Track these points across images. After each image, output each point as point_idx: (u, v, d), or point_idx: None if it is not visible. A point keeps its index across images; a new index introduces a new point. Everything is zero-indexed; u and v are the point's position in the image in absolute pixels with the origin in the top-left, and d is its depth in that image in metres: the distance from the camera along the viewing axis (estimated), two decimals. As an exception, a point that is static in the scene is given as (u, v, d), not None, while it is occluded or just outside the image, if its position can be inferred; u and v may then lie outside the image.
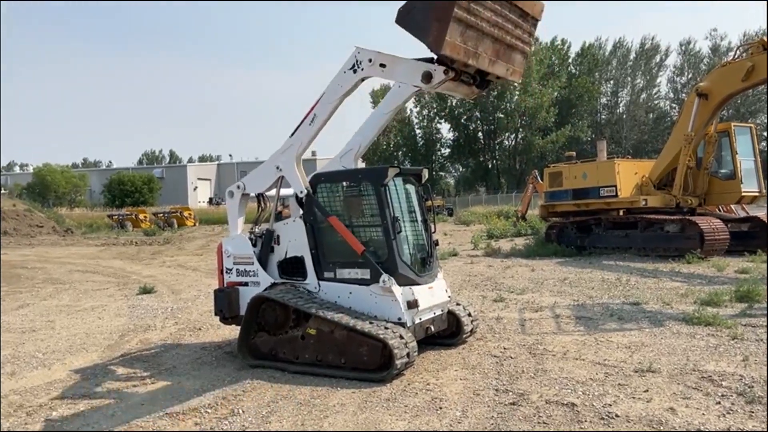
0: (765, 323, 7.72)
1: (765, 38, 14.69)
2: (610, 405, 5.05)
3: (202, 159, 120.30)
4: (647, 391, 5.37)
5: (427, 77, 5.82)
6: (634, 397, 5.22)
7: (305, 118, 6.77)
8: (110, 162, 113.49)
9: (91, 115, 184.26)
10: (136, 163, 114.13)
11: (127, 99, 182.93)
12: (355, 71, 6.34)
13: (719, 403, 5.01)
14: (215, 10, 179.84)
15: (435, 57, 5.84)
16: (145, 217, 46.99)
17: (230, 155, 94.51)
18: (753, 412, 4.77)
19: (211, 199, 76.86)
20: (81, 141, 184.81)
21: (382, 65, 6.19)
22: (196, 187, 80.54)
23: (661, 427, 4.55)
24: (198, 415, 5.28)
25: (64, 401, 5.81)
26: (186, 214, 47.90)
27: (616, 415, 4.82)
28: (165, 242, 30.76)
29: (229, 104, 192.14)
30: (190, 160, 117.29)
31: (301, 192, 6.83)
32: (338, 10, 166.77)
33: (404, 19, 5.67)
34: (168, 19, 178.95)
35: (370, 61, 6.24)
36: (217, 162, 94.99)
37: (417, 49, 5.82)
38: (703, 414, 4.78)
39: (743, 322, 7.78)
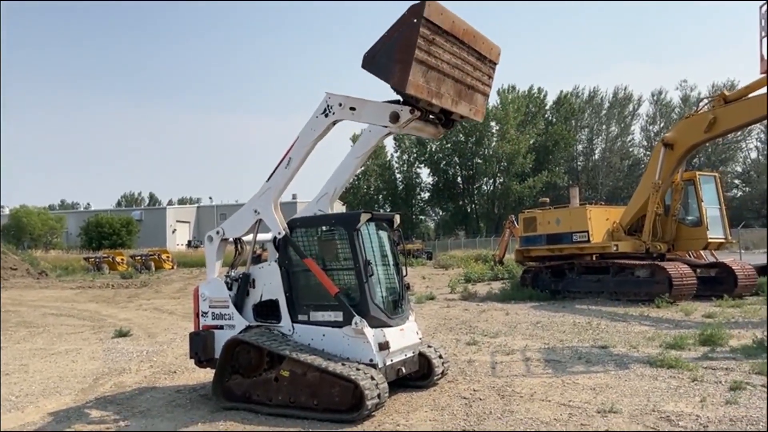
0: (725, 366, 8.01)
1: (725, 92, 15.50)
2: (571, 444, 5.25)
3: (182, 201, 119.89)
4: (607, 430, 5.58)
5: (395, 117, 6.18)
6: (594, 437, 5.43)
7: (281, 161, 7.07)
8: (88, 204, 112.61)
9: (70, 156, 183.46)
10: (115, 205, 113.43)
11: (106, 141, 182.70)
12: (326, 115, 6.69)
13: (674, 441, 5.24)
14: (197, 54, 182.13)
15: (401, 99, 6.20)
16: (122, 259, 46.57)
17: (210, 198, 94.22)
18: (705, 450, 5.00)
19: (189, 241, 76.35)
20: (59, 183, 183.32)
21: (352, 108, 6.55)
22: (175, 230, 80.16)
23: (618, 465, 4.75)
24: (170, 457, 5.36)
25: (36, 443, 5.85)
26: (164, 256, 47.58)
27: (576, 454, 5.01)
28: (142, 285, 30.51)
29: (210, 147, 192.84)
30: (170, 203, 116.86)
31: (279, 233, 7.05)
32: (320, 56, 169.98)
33: (370, 64, 6.05)
34: (150, 63, 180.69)
35: (340, 105, 6.60)
36: (196, 204, 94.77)
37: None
38: (658, 452, 5.00)
39: (704, 365, 8.07)
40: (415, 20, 5.74)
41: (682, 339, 9.61)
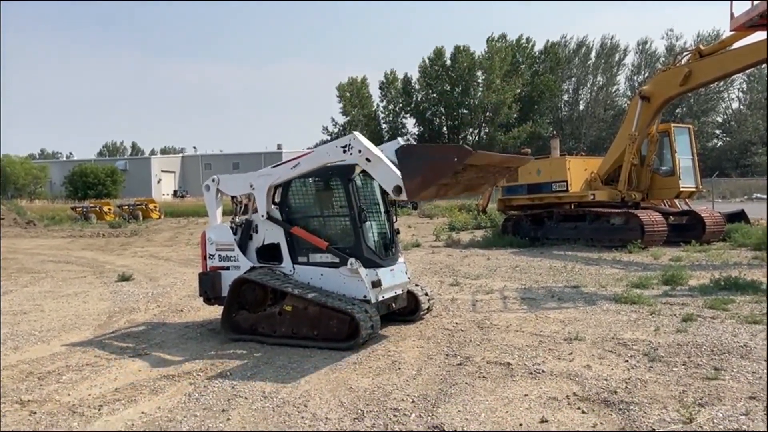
0: (681, 302, 8.92)
1: (701, 46, 16.09)
2: (539, 364, 6.09)
3: (165, 151, 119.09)
4: (571, 353, 6.44)
5: (398, 191, 6.58)
6: (559, 358, 6.28)
7: (290, 161, 7.69)
8: (71, 153, 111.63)
9: (47, 104, 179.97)
10: (97, 155, 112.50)
11: (85, 89, 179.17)
12: (344, 151, 7.12)
13: (627, 361, 6.10)
14: (179, 2, 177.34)
15: None
16: (109, 209, 46.89)
17: (194, 147, 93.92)
18: (652, 368, 5.86)
19: (175, 191, 76.48)
20: (37, 132, 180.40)
21: (368, 159, 6.96)
22: (160, 180, 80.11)
23: (577, 379, 5.60)
24: (191, 377, 6.13)
25: (69, 368, 6.58)
26: (151, 206, 47.98)
27: (543, 371, 5.86)
28: (132, 234, 31.10)
29: (191, 96, 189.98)
30: (152, 152, 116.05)
31: (263, 216, 7.79)
32: (302, 8, 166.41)
33: (402, 155, 6.52)
34: (130, 10, 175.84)
35: (360, 151, 6.99)
36: (181, 154, 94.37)
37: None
38: (612, 369, 5.86)
39: (663, 301, 8.97)
40: (456, 160, 6.04)
41: (647, 279, 10.53)
